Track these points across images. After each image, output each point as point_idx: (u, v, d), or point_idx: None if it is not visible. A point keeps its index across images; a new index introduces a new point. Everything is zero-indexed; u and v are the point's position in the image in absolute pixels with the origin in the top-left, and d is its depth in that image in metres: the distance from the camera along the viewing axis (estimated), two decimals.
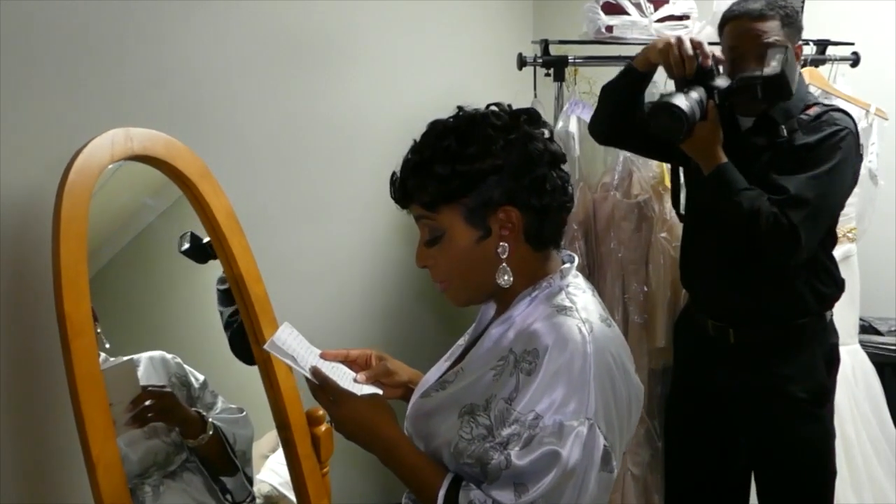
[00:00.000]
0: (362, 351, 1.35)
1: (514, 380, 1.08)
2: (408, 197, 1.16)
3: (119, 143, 1.34)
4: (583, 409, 1.04)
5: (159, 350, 1.55)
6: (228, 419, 1.61)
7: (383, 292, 2.34)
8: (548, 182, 1.13)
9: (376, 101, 2.20)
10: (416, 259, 1.19)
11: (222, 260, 1.53)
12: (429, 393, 1.21)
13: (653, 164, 2.23)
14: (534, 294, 1.16)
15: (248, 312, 1.54)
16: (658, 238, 2.20)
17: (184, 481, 1.53)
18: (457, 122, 1.15)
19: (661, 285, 2.18)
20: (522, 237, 1.14)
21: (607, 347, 1.10)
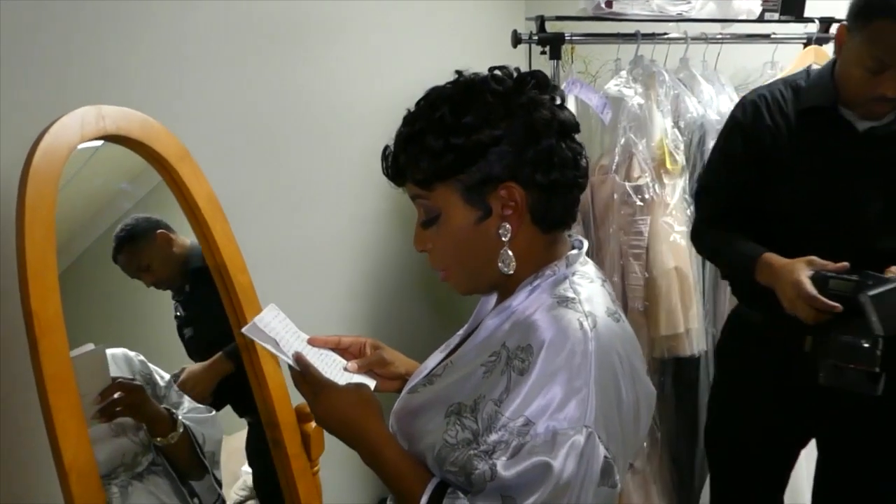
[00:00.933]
0: (355, 338, 1.25)
1: (504, 379, 0.96)
2: (401, 174, 1.05)
3: (90, 121, 1.24)
4: (581, 415, 0.91)
5: (121, 348, 1.44)
6: (197, 419, 1.52)
7: (375, 280, 2.25)
8: (555, 155, 1.00)
9: (362, 81, 2.11)
10: (414, 242, 1.08)
11: (204, 248, 1.43)
12: (416, 388, 1.10)
13: (654, 145, 2.14)
14: (535, 283, 1.04)
15: (233, 303, 1.44)
16: (660, 222, 2.12)
17: (151, 483, 1.44)
18: (453, 88, 1.03)
19: (663, 272, 2.10)
20: (528, 217, 1.02)
21: (612, 345, 0.97)
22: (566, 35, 2.23)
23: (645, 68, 2.23)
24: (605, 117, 2.16)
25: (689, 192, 2.18)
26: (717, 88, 2.26)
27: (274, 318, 1.16)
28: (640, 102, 2.13)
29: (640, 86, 2.17)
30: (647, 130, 2.14)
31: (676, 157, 2.14)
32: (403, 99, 1.12)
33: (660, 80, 2.19)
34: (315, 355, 1.15)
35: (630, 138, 2.13)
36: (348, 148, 2.04)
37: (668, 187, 2.14)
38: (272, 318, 1.15)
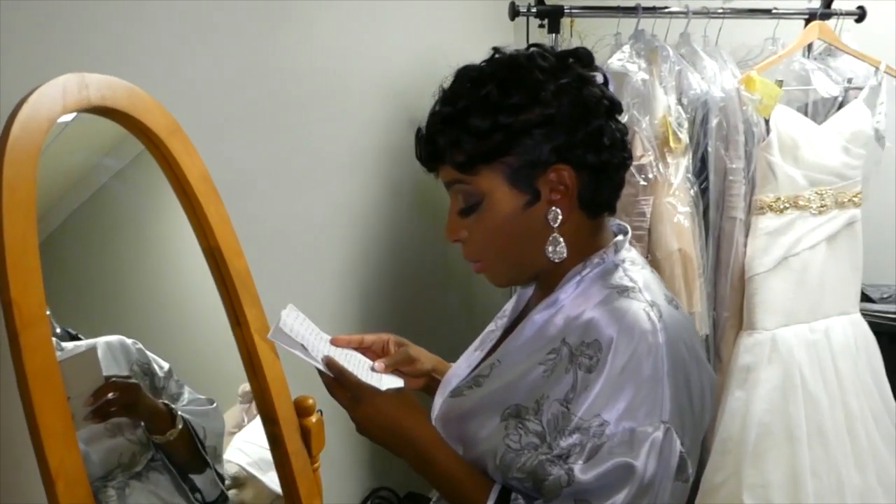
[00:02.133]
0: (378, 336, 1.18)
1: (570, 377, 0.91)
2: (437, 157, 0.98)
3: (72, 91, 1.12)
4: (656, 411, 0.87)
5: (117, 335, 1.35)
6: (197, 411, 1.43)
7: (385, 267, 2.15)
8: (605, 135, 0.95)
9: (361, 54, 2.00)
10: (447, 231, 1.01)
11: (197, 231, 1.32)
12: (461, 391, 1.03)
13: (656, 122, 2.07)
14: (584, 273, 0.98)
15: (228, 290, 1.34)
16: (664, 203, 2.05)
17: (150, 481, 1.36)
18: (495, 65, 0.96)
19: (666, 254, 2.04)
20: (576, 202, 0.96)
21: (679, 335, 0.93)
22: (565, 8, 2.15)
23: (647, 43, 2.15)
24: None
25: (692, 172, 2.12)
26: (720, 64, 2.19)
27: (295, 320, 1.08)
28: (644, 78, 2.05)
29: (644, 61, 2.09)
30: (651, 107, 2.07)
31: (680, 135, 2.08)
32: (401, 72, 1.04)
33: (663, 55, 2.11)
34: (341, 357, 1.07)
35: (633, 115, 2.05)
36: (351, 124, 1.93)
37: (671, 166, 2.07)
38: (294, 320, 1.07)
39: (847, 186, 2.20)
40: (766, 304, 2.15)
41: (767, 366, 2.14)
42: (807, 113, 2.29)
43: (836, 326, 2.21)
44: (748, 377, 2.15)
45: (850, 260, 2.26)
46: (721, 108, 2.11)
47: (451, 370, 1.12)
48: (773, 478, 2.11)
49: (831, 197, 2.17)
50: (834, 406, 2.15)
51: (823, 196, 2.16)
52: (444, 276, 2.46)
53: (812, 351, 2.17)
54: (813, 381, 2.14)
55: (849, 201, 2.21)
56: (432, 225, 2.32)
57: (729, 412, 2.17)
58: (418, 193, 2.26)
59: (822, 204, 2.16)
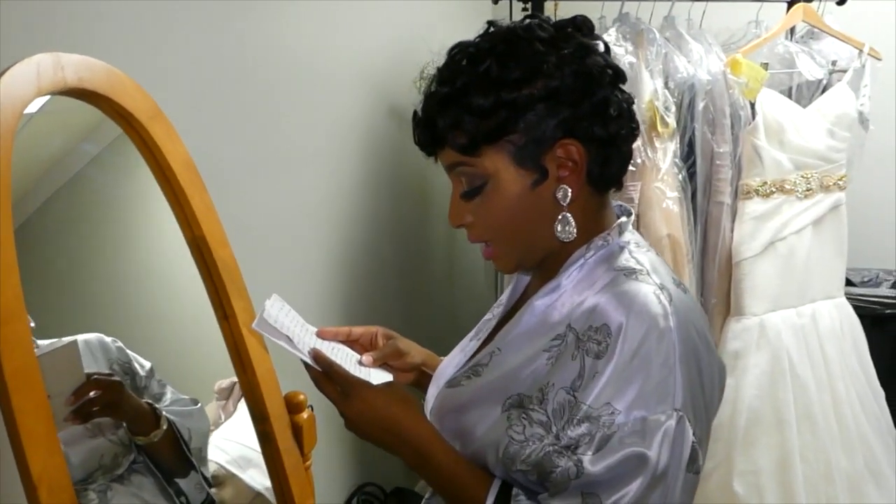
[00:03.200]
0: (366, 329, 1.13)
1: (577, 364, 0.87)
2: (438, 140, 0.93)
3: (47, 71, 1.06)
4: (668, 398, 0.84)
5: (96, 332, 1.29)
6: (181, 412, 1.38)
7: (373, 256, 2.09)
8: (612, 105, 0.91)
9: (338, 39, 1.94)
10: (451, 217, 0.96)
11: (180, 220, 1.26)
12: (458, 381, 0.99)
13: (643, 107, 2.04)
14: (587, 256, 0.94)
15: (214, 282, 1.28)
16: (652, 188, 2.03)
17: (133, 484, 1.30)
18: (492, 39, 0.92)
19: (655, 240, 2.02)
20: (585, 178, 0.92)
21: (690, 319, 0.89)
22: None
23: (632, 26, 2.12)
24: None
25: (680, 156, 2.09)
26: (705, 47, 2.16)
27: (280, 311, 1.02)
28: (632, 61, 2.02)
29: (630, 44, 2.06)
30: (638, 91, 2.03)
31: (667, 119, 2.05)
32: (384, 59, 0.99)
33: (649, 38, 2.08)
34: (327, 350, 1.02)
35: None
36: (333, 111, 1.88)
37: (659, 151, 2.04)
38: (278, 311, 1.02)
39: (832, 170, 2.19)
40: (753, 289, 2.14)
41: (756, 351, 2.13)
42: (791, 96, 2.27)
43: (822, 310, 2.21)
44: (737, 363, 2.14)
45: (836, 244, 2.26)
46: (707, 92, 2.09)
47: (445, 361, 1.08)
48: (763, 464, 2.10)
49: (817, 180, 2.17)
50: (822, 390, 2.15)
51: (809, 180, 2.15)
52: (429, 265, 2.41)
53: (799, 335, 2.16)
54: (801, 366, 2.14)
55: (834, 185, 2.21)
56: (418, 212, 2.27)
57: None
58: (402, 180, 2.21)
59: (807, 188, 2.15)
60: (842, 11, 2.34)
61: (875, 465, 2.17)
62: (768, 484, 2.09)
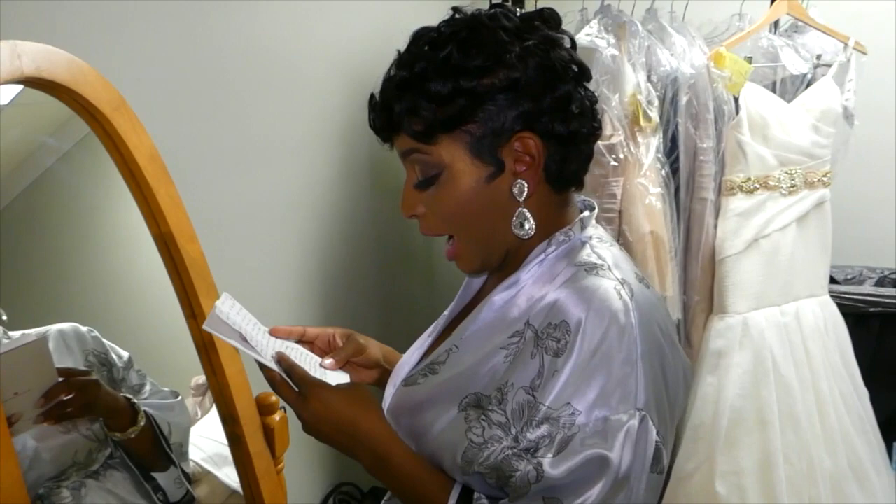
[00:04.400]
0: (322, 330, 1.09)
1: (535, 362, 0.84)
2: (393, 126, 0.90)
3: (3, 61, 1.01)
4: (630, 397, 0.81)
5: (71, 322, 1.27)
6: (161, 405, 1.35)
7: (347, 251, 2.04)
8: (574, 102, 0.88)
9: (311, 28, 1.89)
10: (402, 206, 0.93)
11: (146, 215, 1.22)
12: (415, 379, 0.96)
13: (626, 100, 2.01)
14: (548, 251, 0.92)
15: (182, 278, 1.24)
16: (634, 184, 1.99)
17: (109, 480, 1.27)
18: (455, 25, 0.89)
19: (638, 237, 1.99)
20: (542, 174, 0.89)
21: (652, 315, 0.87)
22: None
23: (614, 18, 2.08)
24: None
25: (663, 152, 2.06)
26: (688, 41, 2.13)
27: (231, 309, 0.99)
28: (614, 54, 1.99)
29: (612, 36, 2.03)
30: (620, 85, 2.01)
31: (650, 113, 2.02)
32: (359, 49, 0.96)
33: (631, 30, 2.05)
34: (281, 348, 0.98)
35: (602, 93, 1.98)
36: (306, 102, 1.83)
37: (642, 146, 2.01)
38: (230, 309, 0.98)
39: (816, 166, 2.17)
40: (737, 286, 2.11)
41: (739, 350, 2.11)
42: (775, 90, 2.24)
43: (805, 309, 2.19)
44: (720, 362, 2.12)
45: (820, 241, 2.24)
46: (691, 86, 2.06)
47: (403, 358, 1.05)
48: (746, 464, 2.08)
49: (801, 177, 2.14)
50: (805, 390, 2.13)
51: (793, 176, 2.13)
52: (405, 259, 2.37)
53: (783, 334, 2.14)
54: (784, 365, 2.12)
55: (818, 181, 2.19)
56: (392, 206, 2.22)
57: (701, 398, 2.13)
58: (377, 173, 2.17)
59: (792, 184, 2.13)
60: (827, 4, 2.31)
61: (858, 465, 2.16)
62: (751, 484, 2.07)
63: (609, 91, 1.99)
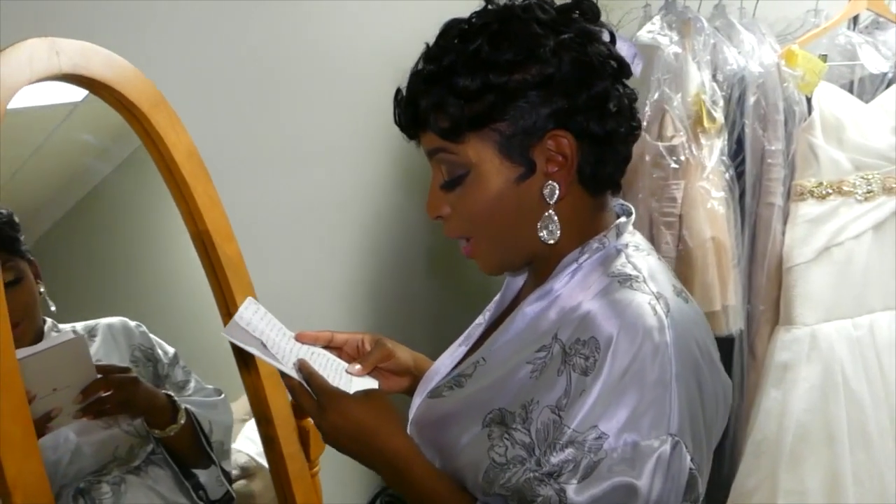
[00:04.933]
0: (351, 335, 1.06)
1: (563, 380, 0.79)
2: (419, 122, 0.86)
3: (40, 57, 1.02)
4: (663, 421, 0.76)
5: (119, 316, 1.30)
6: (204, 403, 1.35)
7: (382, 256, 2.01)
8: (611, 100, 0.83)
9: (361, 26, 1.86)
10: (428, 207, 0.90)
11: (183, 213, 1.22)
12: (440, 391, 0.92)
13: (689, 100, 1.93)
14: (581, 260, 0.86)
15: (218, 278, 1.23)
16: (696, 187, 1.91)
17: (150, 477, 1.28)
18: (486, 17, 0.84)
19: (698, 243, 1.91)
20: (576, 176, 0.84)
21: (690, 332, 0.81)
22: None
23: (679, 14, 2.01)
24: (636, 68, 1.93)
25: (727, 154, 1.98)
26: (758, 38, 2.04)
27: (255, 315, 0.96)
28: (677, 52, 1.91)
29: (676, 33, 1.95)
30: (683, 84, 1.93)
31: (714, 114, 1.93)
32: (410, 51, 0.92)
33: (696, 27, 1.97)
34: (307, 354, 0.96)
35: (664, 92, 1.91)
36: (356, 101, 1.81)
37: (705, 148, 1.93)
38: (253, 314, 0.96)
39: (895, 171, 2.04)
40: (805, 297, 2.00)
41: (806, 364, 2.00)
42: (852, 90, 2.12)
43: (881, 322, 2.06)
44: (785, 375, 2.01)
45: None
46: (759, 86, 1.97)
47: (434, 366, 1.01)
48: (811, 483, 1.97)
49: (878, 182, 2.02)
50: (878, 407, 2.01)
51: (870, 181, 2.01)
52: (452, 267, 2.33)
53: (855, 348, 2.02)
54: (856, 380, 2.00)
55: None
56: None
57: (764, 412, 2.03)
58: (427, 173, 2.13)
59: (868, 190, 2.01)
60: None
61: None
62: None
63: (671, 90, 1.92)
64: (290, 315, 1.08)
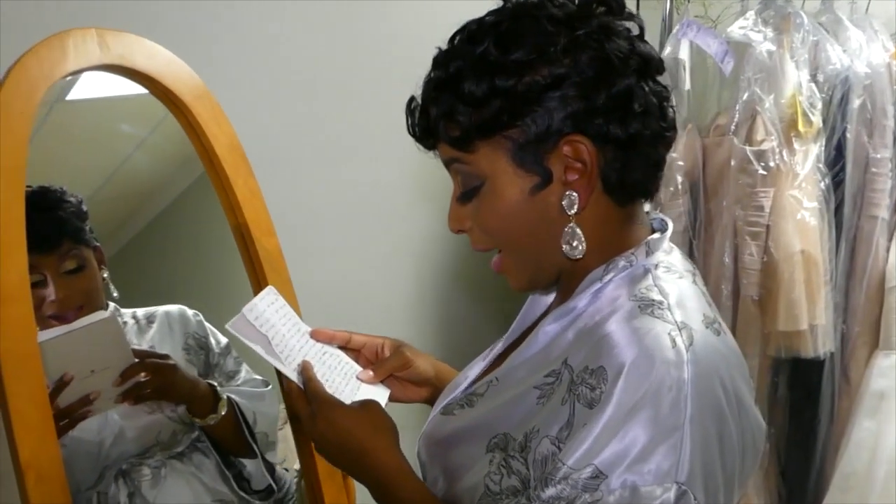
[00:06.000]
0: (370, 338, 1.02)
1: (566, 410, 0.72)
2: (431, 131, 0.81)
3: (84, 47, 1.04)
4: (670, 467, 0.68)
5: (178, 304, 1.32)
6: (250, 393, 1.35)
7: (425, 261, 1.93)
8: (636, 99, 0.76)
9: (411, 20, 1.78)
10: (449, 221, 0.84)
11: (224, 205, 1.22)
12: (451, 408, 0.87)
13: (783, 102, 1.79)
14: (606, 278, 0.79)
15: (256, 272, 1.23)
16: (786, 196, 1.78)
17: (193, 463, 1.29)
18: (498, 16, 0.79)
19: (786, 255, 1.77)
20: (600, 184, 0.77)
21: (715, 369, 0.73)
22: None
23: (778, 9, 1.87)
24: (726, 67, 1.82)
25: (824, 161, 1.83)
26: (868, 35, 1.88)
27: (269, 307, 0.93)
28: (770, 49, 1.78)
29: (771, 30, 1.82)
30: (777, 84, 1.80)
31: (811, 117, 1.79)
32: None
33: (796, 22, 1.83)
34: (317, 354, 0.93)
35: (755, 93, 1.78)
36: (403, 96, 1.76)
37: (798, 154, 1.79)
38: (267, 307, 0.93)
39: None
40: None
41: None
42: None
43: None
44: (881, 405, 1.86)
45: None
46: (866, 87, 1.83)
47: (455, 380, 0.95)
48: None
49: None
50: None
51: None
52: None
53: None
54: None
55: None
56: None
57: (855, 443, 1.88)
58: None
59: None
60: None
61: None
62: None
63: (763, 91, 1.79)
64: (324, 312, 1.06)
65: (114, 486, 1.20)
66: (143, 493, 1.22)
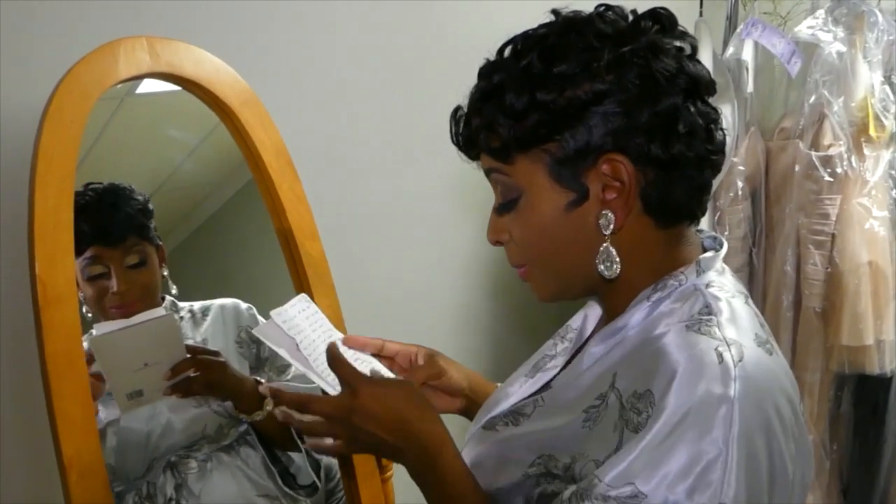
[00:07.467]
0: (404, 346, 1.01)
1: (616, 437, 0.70)
2: (473, 142, 0.80)
3: (133, 55, 1.06)
4: (715, 487, 0.65)
5: (233, 298, 1.34)
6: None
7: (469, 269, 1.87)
8: (680, 120, 0.73)
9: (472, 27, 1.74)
10: (488, 232, 0.83)
11: (269, 209, 1.23)
12: (495, 424, 0.85)
13: (854, 105, 1.72)
14: (652, 297, 0.77)
15: (300, 277, 1.24)
16: (853, 204, 1.70)
17: (240, 457, 1.31)
18: (545, 29, 0.77)
19: (852, 266, 1.70)
20: (640, 204, 0.75)
21: (768, 388, 0.70)
22: None
23: (851, 7, 1.78)
24: (793, 68, 1.75)
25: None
26: None
27: (300, 314, 0.94)
28: (840, 50, 1.70)
29: (843, 29, 1.74)
30: (848, 86, 1.72)
31: (884, 121, 1.72)
32: None
33: (870, 21, 1.74)
34: (349, 358, 0.92)
35: (823, 95, 1.71)
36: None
37: (868, 160, 1.72)
38: (297, 313, 0.94)
39: None
40: None
41: None
42: None
43: None
44: None
45: None
46: None
47: (500, 392, 0.92)
48: None
49: None
50: None
51: None
52: None
53: None
54: None
55: None
56: None
57: None
58: None
59: None
60: None
61: None
62: None
63: (831, 93, 1.71)
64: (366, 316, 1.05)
65: (162, 477, 1.23)
66: (190, 485, 1.24)
